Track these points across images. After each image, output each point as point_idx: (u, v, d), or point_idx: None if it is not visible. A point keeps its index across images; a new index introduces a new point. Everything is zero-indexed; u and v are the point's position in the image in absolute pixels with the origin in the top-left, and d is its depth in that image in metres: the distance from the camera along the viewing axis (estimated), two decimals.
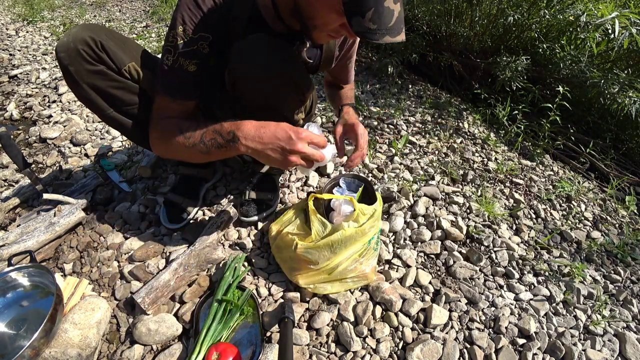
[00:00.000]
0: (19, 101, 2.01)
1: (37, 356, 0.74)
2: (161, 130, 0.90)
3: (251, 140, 0.78)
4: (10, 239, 1.04)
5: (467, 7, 2.33)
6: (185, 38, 0.82)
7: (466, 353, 0.92)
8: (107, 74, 0.90)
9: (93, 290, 0.98)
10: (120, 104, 0.95)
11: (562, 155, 2.02)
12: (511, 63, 2.01)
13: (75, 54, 0.84)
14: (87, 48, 0.85)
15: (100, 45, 0.87)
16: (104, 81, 0.90)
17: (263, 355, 0.84)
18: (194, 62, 0.85)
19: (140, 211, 1.23)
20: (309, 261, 0.92)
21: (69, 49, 0.84)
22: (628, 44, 1.68)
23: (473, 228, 1.28)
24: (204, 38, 0.84)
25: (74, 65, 0.85)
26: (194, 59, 0.85)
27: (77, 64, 0.85)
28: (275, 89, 0.88)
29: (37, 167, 1.51)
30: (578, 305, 1.10)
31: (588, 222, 1.51)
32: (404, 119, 2.04)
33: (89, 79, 0.88)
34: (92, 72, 0.88)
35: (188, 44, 0.83)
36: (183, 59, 0.84)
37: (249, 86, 0.87)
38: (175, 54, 0.83)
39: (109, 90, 0.92)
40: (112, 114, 0.96)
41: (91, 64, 0.87)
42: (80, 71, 0.86)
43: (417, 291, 1.06)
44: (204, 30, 0.83)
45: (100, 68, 0.88)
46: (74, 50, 0.84)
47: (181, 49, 0.83)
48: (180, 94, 0.89)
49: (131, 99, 0.96)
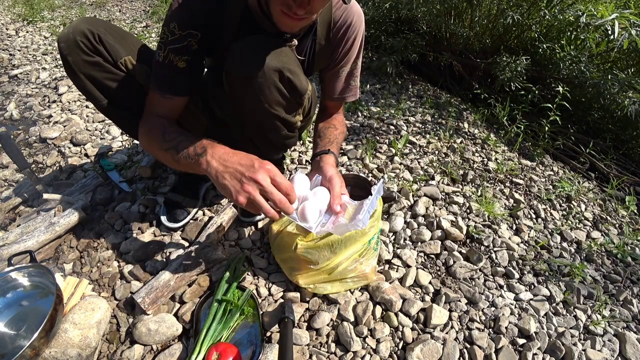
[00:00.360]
0: (19, 101, 2.01)
1: (37, 356, 0.74)
2: (148, 127, 0.91)
3: (216, 159, 0.75)
4: (10, 239, 1.04)
5: (467, 7, 2.33)
6: (175, 34, 0.84)
7: (466, 353, 0.92)
8: (102, 66, 0.91)
9: (93, 290, 0.98)
10: (116, 95, 0.96)
11: (562, 155, 2.02)
12: (511, 63, 2.01)
13: (74, 44, 0.87)
14: (85, 39, 0.87)
15: (98, 38, 0.89)
16: (99, 72, 0.92)
17: (263, 355, 0.84)
18: (183, 59, 0.86)
19: (140, 211, 1.23)
20: (309, 261, 0.92)
21: (68, 40, 0.87)
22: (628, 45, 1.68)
23: (473, 228, 1.28)
24: (192, 35, 0.85)
25: (72, 56, 0.88)
26: (184, 55, 0.86)
27: (75, 54, 0.88)
28: (272, 91, 0.88)
29: (37, 167, 1.51)
30: (578, 305, 1.10)
31: (588, 222, 1.51)
32: (404, 119, 2.04)
33: (85, 70, 0.90)
34: (89, 63, 0.90)
35: (177, 40, 0.85)
36: (173, 55, 0.85)
37: (244, 88, 0.88)
38: (165, 50, 0.85)
39: (105, 81, 0.93)
40: (107, 105, 0.97)
41: (88, 55, 0.89)
42: (78, 61, 0.89)
43: (417, 291, 1.06)
44: (192, 28, 0.85)
45: (96, 59, 0.90)
46: (72, 41, 0.87)
47: (171, 44, 0.85)
48: (170, 89, 0.90)
49: (126, 92, 0.97)
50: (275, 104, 0.92)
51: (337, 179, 0.89)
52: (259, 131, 1.02)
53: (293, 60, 0.90)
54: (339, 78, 1.06)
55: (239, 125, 1.04)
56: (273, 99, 0.89)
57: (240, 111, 0.98)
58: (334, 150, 1.02)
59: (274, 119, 0.96)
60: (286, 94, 0.91)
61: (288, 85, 0.90)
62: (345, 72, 1.06)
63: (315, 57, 1.01)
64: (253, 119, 0.98)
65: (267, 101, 0.89)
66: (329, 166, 0.94)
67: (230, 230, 1.18)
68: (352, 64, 1.05)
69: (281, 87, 0.88)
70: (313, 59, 1.02)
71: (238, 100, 0.94)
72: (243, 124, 1.02)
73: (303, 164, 1.52)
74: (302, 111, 1.05)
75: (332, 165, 0.95)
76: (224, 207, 1.21)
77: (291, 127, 1.04)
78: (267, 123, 0.98)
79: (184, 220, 1.17)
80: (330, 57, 1.02)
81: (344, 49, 1.00)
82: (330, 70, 1.05)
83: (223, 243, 1.14)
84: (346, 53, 1.01)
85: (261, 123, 0.98)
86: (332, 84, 1.07)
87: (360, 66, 1.09)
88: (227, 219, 1.17)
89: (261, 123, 0.98)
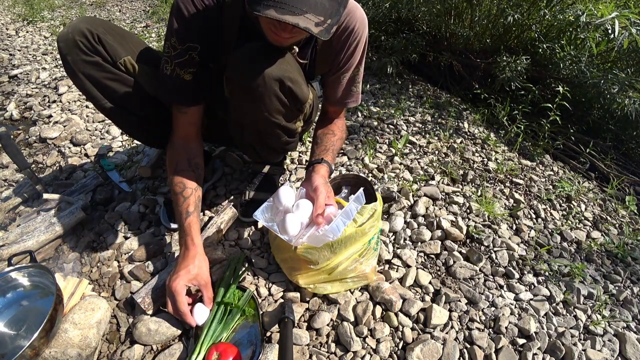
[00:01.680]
0: (19, 101, 2.01)
1: (37, 356, 0.74)
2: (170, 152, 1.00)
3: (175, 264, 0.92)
4: (10, 239, 1.04)
5: (467, 7, 2.33)
6: (176, 49, 0.87)
7: (466, 353, 0.92)
8: (102, 65, 0.92)
9: (93, 290, 0.98)
10: (115, 95, 0.96)
11: (562, 155, 2.02)
12: (511, 63, 2.01)
13: (73, 44, 0.87)
14: (84, 39, 0.87)
15: (97, 38, 0.89)
16: (98, 72, 0.92)
17: (263, 355, 0.84)
18: (189, 72, 0.90)
19: (140, 211, 1.23)
20: (309, 261, 0.92)
21: (67, 39, 0.87)
22: (628, 44, 1.68)
23: (473, 228, 1.28)
24: (192, 48, 0.87)
25: (71, 55, 0.88)
26: (189, 67, 0.89)
27: (74, 53, 0.88)
28: (272, 99, 0.87)
29: (37, 167, 1.51)
30: (578, 305, 1.10)
31: (588, 222, 1.51)
32: (404, 119, 2.04)
33: (84, 69, 0.90)
34: (88, 63, 0.90)
35: (180, 55, 0.88)
36: (179, 69, 0.89)
37: (244, 96, 0.87)
38: (172, 64, 0.88)
39: (104, 81, 0.93)
40: (107, 105, 0.97)
41: (87, 55, 0.89)
42: (77, 61, 0.89)
43: (417, 291, 1.06)
44: (191, 41, 0.87)
45: (95, 59, 0.90)
46: (71, 41, 0.87)
47: (175, 59, 0.88)
48: (180, 101, 0.94)
49: (126, 92, 0.97)
50: (276, 113, 0.92)
51: (322, 190, 0.90)
52: (258, 137, 1.02)
53: (294, 67, 0.90)
54: (340, 84, 1.05)
55: (239, 131, 1.04)
56: (273, 107, 0.89)
57: (240, 118, 0.98)
58: (329, 159, 1.02)
59: (274, 127, 0.96)
60: (286, 103, 0.91)
61: (289, 94, 0.89)
62: (347, 78, 1.04)
63: (316, 62, 1.00)
64: (253, 126, 0.98)
65: (268, 110, 0.89)
66: (318, 176, 0.95)
67: (230, 230, 1.18)
68: (354, 69, 1.03)
69: (281, 96, 0.88)
70: (314, 63, 1.01)
71: (238, 108, 0.95)
72: (242, 129, 1.02)
73: (303, 164, 1.53)
74: (302, 117, 1.05)
75: (322, 175, 0.96)
76: (224, 207, 1.21)
77: (291, 134, 1.05)
78: (267, 130, 0.98)
79: None
80: (332, 62, 1.01)
81: (346, 54, 0.98)
82: (332, 75, 1.04)
83: (223, 243, 1.14)
84: (348, 58, 0.99)
85: (261, 130, 0.99)
86: (334, 89, 1.06)
87: (362, 72, 1.07)
88: (227, 219, 1.17)
89: (261, 130, 0.99)
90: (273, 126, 0.96)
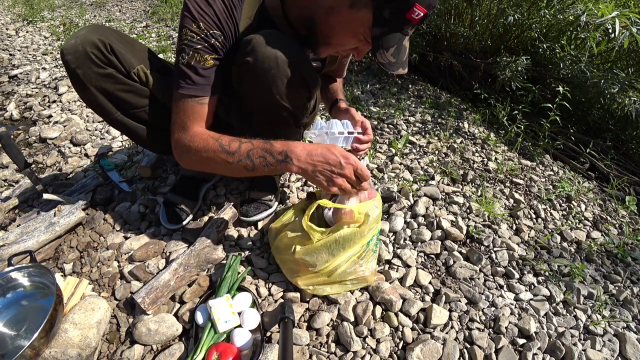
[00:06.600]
0: (19, 101, 2.01)
1: (37, 356, 0.74)
2: (194, 146, 0.87)
3: (303, 162, 0.81)
4: (10, 239, 1.04)
5: (467, 7, 2.33)
6: (200, 34, 0.81)
7: (466, 353, 0.92)
8: (116, 77, 0.89)
9: (93, 290, 0.98)
10: (129, 107, 0.94)
11: (562, 155, 2.02)
12: (511, 63, 2.01)
13: (84, 57, 0.83)
14: (97, 51, 0.84)
15: (110, 48, 0.86)
16: (113, 84, 0.89)
17: (263, 355, 0.84)
18: (212, 57, 0.84)
19: (140, 211, 1.23)
20: (307, 264, 0.92)
21: (77, 52, 0.83)
22: (628, 44, 1.68)
23: (473, 228, 1.28)
24: (216, 35, 0.83)
25: (82, 69, 0.84)
26: (212, 53, 0.84)
27: (85, 67, 0.84)
28: (284, 83, 0.87)
29: (37, 167, 1.51)
30: (578, 305, 1.10)
31: (588, 222, 1.51)
32: (404, 119, 2.04)
33: (97, 82, 0.87)
34: (101, 75, 0.86)
35: (204, 40, 0.82)
36: (200, 55, 0.83)
37: (258, 79, 0.86)
38: (191, 51, 0.82)
39: (118, 93, 0.91)
40: (119, 117, 0.95)
41: (100, 67, 0.86)
42: (89, 74, 0.85)
43: (417, 291, 1.06)
44: (216, 28, 0.83)
45: (109, 71, 0.87)
46: (82, 53, 0.83)
47: (197, 45, 0.82)
48: (204, 90, 0.87)
49: (139, 102, 0.95)
50: (286, 96, 0.91)
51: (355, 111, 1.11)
52: (268, 125, 1.00)
53: (304, 56, 0.92)
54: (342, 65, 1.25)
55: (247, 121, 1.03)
56: (285, 91, 0.89)
57: (251, 104, 0.96)
58: (341, 97, 1.23)
59: (283, 110, 0.95)
60: (298, 87, 0.91)
61: (300, 78, 0.90)
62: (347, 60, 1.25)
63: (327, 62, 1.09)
64: (263, 114, 0.97)
65: (279, 93, 0.89)
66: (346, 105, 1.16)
67: (230, 230, 1.18)
68: None
69: (293, 80, 0.88)
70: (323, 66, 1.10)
71: (249, 95, 0.93)
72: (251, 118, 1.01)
73: None
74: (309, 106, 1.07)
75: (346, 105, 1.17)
76: (224, 208, 1.21)
77: (298, 122, 1.05)
78: (276, 118, 0.97)
79: (183, 221, 1.17)
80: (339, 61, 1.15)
81: None
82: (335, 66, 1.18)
83: (223, 243, 1.14)
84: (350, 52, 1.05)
85: (270, 116, 0.97)
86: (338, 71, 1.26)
87: None
88: (227, 219, 1.17)
89: (270, 116, 0.97)
90: (282, 110, 0.95)
